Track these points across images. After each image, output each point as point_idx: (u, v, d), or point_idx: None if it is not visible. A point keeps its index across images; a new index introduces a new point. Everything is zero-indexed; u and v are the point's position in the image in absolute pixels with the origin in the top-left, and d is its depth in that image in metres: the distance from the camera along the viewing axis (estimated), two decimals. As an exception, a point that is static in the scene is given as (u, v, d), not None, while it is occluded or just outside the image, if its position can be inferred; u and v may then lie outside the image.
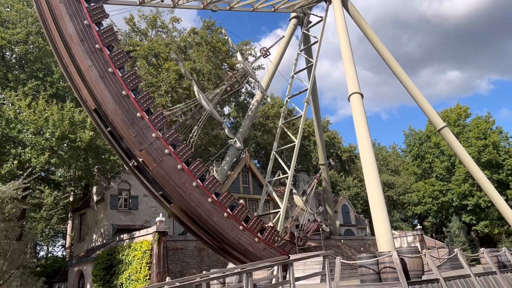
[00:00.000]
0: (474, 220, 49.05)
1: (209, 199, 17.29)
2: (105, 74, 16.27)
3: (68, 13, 16.16)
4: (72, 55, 16.25)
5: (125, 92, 16.45)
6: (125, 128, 16.32)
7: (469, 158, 31.84)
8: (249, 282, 11.70)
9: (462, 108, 54.04)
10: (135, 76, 17.14)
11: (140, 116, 16.57)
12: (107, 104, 16.22)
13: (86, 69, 16.05)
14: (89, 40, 16.28)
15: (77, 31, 16.11)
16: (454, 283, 14.05)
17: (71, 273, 29.71)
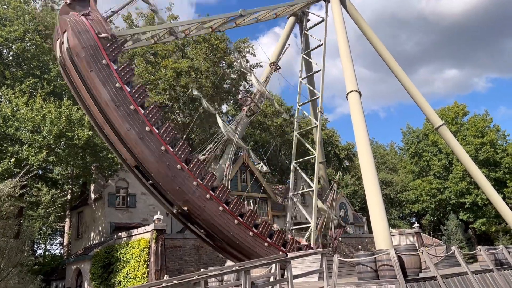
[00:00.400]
0: (471, 218, 49.22)
1: (250, 233, 17.86)
2: (143, 135, 16.47)
3: (100, 80, 16.20)
4: (109, 119, 16.42)
5: (164, 148, 16.73)
6: (169, 184, 16.70)
7: (466, 156, 31.92)
8: (247, 280, 11.71)
9: (460, 106, 54.15)
10: (170, 128, 17.42)
11: (180, 168, 16.86)
12: (149, 163, 16.51)
13: (125, 132, 16.31)
14: (123, 103, 16.41)
15: (111, 96, 16.24)
16: (451, 281, 14.09)
17: (69, 271, 29.69)
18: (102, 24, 17.35)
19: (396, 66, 31.33)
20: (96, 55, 16.38)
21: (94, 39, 16.55)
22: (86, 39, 16.32)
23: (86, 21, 16.80)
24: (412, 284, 12.59)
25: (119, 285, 23.90)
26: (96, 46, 16.49)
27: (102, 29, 17.17)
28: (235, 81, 44.91)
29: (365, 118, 23.75)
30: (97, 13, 17.73)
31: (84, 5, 17.82)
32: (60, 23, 16.91)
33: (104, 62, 16.44)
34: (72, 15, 17.09)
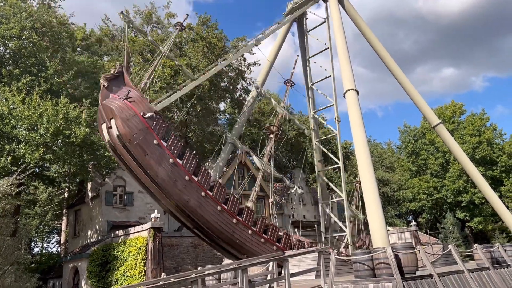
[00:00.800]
0: (468, 217, 49.36)
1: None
2: (201, 202, 17.45)
3: (155, 161, 16.84)
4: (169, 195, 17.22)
5: (220, 208, 17.94)
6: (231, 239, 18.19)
7: (463, 154, 32.04)
8: (244, 278, 11.73)
9: (457, 105, 54.26)
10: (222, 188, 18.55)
11: (236, 221, 18.33)
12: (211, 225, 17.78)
13: (185, 204, 17.23)
14: (179, 177, 17.16)
15: (167, 174, 16.94)
16: (448, 279, 14.15)
17: (66, 269, 29.65)
18: (143, 102, 17.81)
19: (394, 65, 31.40)
20: (147, 138, 16.95)
21: (142, 121, 17.04)
22: (135, 124, 16.82)
23: (131, 105, 17.19)
24: (408, 282, 12.64)
25: (116, 283, 23.89)
26: (145, 129, 17.03)
27: (145, 107, 17.59)
28: (233, 79, 44.85)
29: (363, 117, 23.81)
30: (134, 90, 18.07)
31: (119, 83, 18.19)
32: (105, 110, 17.24)
33: (155, 142, 17.02)
34: (114, 99, 17.38)
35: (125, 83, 18.14)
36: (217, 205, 17.78)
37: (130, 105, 17.03)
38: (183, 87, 23.52)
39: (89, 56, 32.78)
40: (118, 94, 17.49)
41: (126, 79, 18.26)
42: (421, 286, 12.93)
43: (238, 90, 46.80)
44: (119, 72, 18.20)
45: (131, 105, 17.04)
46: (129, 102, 17.11)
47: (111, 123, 16.91)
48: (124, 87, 17.89)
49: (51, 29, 29.27)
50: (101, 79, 17.93)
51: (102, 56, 37.80)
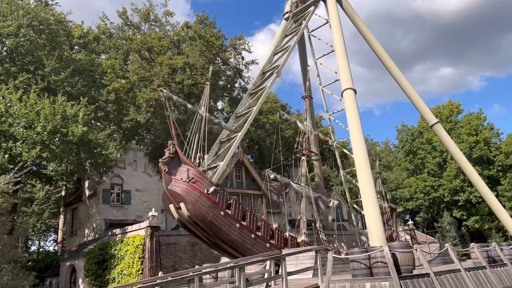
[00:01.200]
0: (465, 216, 49.52)
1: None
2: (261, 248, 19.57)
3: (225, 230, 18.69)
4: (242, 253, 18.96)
5: (269, 245, 19.86)
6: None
7: (460, 154, 32.13)
8: (241, 277, 11.74)
9: (454, 104, 54.39)
10: (268, 226, 20.57)
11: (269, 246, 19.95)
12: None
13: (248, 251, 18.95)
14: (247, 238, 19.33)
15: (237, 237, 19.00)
16: (445, 278, 14.19)
17: (63, 267, 29.60)
18: (204, 179, 19.07)
19: (392, 64, 31.44)
20: (216, 213, 18.42)
21: (208, 199, 18.38)
22: (203, 204, 18.19)
23: (195, 186, 18.42)
24: (405, 281, 12.66)
25: (114, 281, 23.87)
26: (212, 205, 18.45)
27: (207, 183, 18.92)
28: (231, 78, 44.83)
29: (360, 116, 23.83)
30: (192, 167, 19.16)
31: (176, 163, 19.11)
32: (172, 195, 18.48)
33: (222, 214, 18.55)
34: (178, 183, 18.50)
35: (181, 162, 19.25)
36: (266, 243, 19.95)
37: (195, 186, 18.45)
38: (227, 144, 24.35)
39: (86, 54, 32.68)
40: (179, 176, 18.69)
41: (181, 157, 19.39)
42: (418, 285, 12.96)
43: (236, 89, 46.79)
44: (174, 152, 19.26)
45: (195, 186, 18.47)
46: (193, 183, 18.51)
47: (180, 205, 18.18)
48: (182, 167, 18.99)
49: (49, 27, 29.17)
50: (160, 164, 19.07)
51: (99, 54, 37.71)
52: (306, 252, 16.67)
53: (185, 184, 18.25)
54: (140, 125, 37.99)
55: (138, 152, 33.91)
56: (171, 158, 18.91)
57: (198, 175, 18.85)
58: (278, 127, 34.24)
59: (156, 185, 33.29)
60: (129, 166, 32.64)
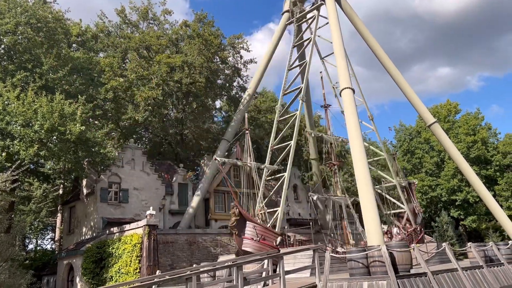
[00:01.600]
0: (462, 215, 49.65)
1: None
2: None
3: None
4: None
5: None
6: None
7: (458, 153, 32.23)
8: (239, 275, 11.75)
9: (452, 104, 54.47)
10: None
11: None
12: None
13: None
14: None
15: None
16: (442, 277, 14.23)
17: (60, 266, 29.57)
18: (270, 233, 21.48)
19: (390, 63, 31.49)
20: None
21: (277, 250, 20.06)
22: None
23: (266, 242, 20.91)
24: (403, 280, 12.70)
25: (111, 280, 23.85)
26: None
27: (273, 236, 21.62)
28: (229, 76, 44.79)
29: (358, 115, 23.86)
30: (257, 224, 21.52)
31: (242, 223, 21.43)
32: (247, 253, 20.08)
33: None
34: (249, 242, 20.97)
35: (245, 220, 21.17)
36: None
37: (265, 243, 20.48)
38: None
39: (84, 52, 32.59)
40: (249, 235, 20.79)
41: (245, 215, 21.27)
42: (415, 284, 13.00)
43: (234, 88, 46.74)
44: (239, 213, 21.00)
45: (265, 242, 20.48)
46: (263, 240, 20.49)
47: None
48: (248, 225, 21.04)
49: (47, 25, 29.08)
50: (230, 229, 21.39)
51: (97, 52, 37.60)
52: (303, 251, 16.70)
53: (256, 242, 20.51)
54: (138, 124, 37.93)
55: (136, 150, 33.88)
56: (237, 220, 20.78)
57: (265, 230, 21.01)
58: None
59: (154, 183, 33.26)
60: (127, 164, 32.61)
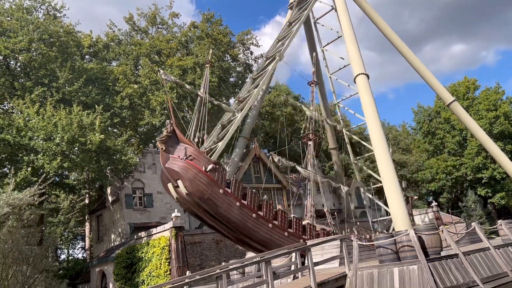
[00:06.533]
0: (490, 193, 48.64)
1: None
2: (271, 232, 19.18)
3: (225, 209, 18.29)
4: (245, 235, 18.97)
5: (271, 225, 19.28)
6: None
7: (480, 130, 31.52)
8: (268, 270, 11.79)
9: (470, 80, 53.25)
10: (269, 205, 19.72)
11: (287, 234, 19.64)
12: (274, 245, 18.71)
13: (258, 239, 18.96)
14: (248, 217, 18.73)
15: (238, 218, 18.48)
16: (474, 257, 13.99)
17: (93, 273, 30.20)
18: (201, 156, 18.77)
19: (403, 45, 30.94)
20: (214, 190, 18.06)
21: (206, 177, 18.06)
22: (201, 181, 17.88)
23: (192, 163, 18.15)
24: (434, 263, 12.53)
25: (143, 284, 24.24)
26: (210, 182, 18.07)
27: (205, 160, 18.58)
28: (241, 74, 44.82)
29: (375, 100, 23.56)
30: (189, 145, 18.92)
31: (174, 142, 18.93)
32: (170, 172, 18.17)
33: (221, 192, 18.14)
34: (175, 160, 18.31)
35: (179, 140, 19.06)
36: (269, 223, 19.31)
37: (192, 163, 18.17)
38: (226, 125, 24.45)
39: (97, 63, 33.14)
40: (177, 154, 18.54)
41: (179, 136, 19.15)
42: (447, 266, 12.82)
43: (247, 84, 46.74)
44: (171, 131, 19.12)
45: (192, 163, 18.20)
46: (190, 160, 18.27)
47: (178, 183, 17.97)
48: (180, 145, 18.84)
49: (59, 39, 29.62)
50: (158, 143, 18.93)
51: (110, 61, 38.15)
52: (331, 241, 16.63)
53: (182, 161, 18.01)
54: (156, 128, 38.35)
55: (156, 155, 34.23)
56: (169, 136, 18.66)
57: (196, 153, 18.57)
58: (283, 117, 34.07)
59: (176, 186, 33.57)
60: (148, 169, 33.02)
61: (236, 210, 18.29)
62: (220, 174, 18.57)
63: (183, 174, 17.70)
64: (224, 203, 18.11)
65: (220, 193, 18.04)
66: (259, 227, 18.89)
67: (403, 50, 30.95)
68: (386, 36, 31.13)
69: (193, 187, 17.67)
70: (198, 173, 17.78)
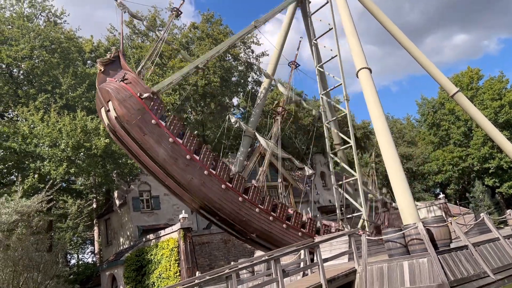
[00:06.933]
0: (497, 183, 48.37)
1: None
2: (204, 180, 17.38)
3: (154, 140, 16.92)
4: (171, 174, 17.25)
5: (224, 186, 17.81)
6: (237, 217, 18.00)
7: (486, 120, 31.30)
8: (277, 268, 11.80)
9: (474, 70, 52.92)
10: (225, 166, 18.50)
11: (242, 200, 18.11)
12: (215, 203, 17.63)
13: (188, 182, 17.20)
14: (180, 156, 17.18)
15: (168, 153, 17.01)
16: (484, 248, 13.93)
17: (103, 277, 30.36)
18: (140, 83, 17.89)
19: (404, 38, 30.76)
20: (145, 118, 17.01)
21: (139, 102, 17.13)
22: (132, 105, 16.95)
23: (127, 86, 17.33)
24: (443, 255, 12.49)
25: (154, 286, 24.33)
26: (143, 109, 17.09)
27: (142, 88, 17.68)
28: (243, 73, 44.79)
29: (378, 94, 23.44)
30: (130, 72, 18.17)
31: (116, 66, 18.31)
32: (102, 93, 17.41)
33: (153, 122, 17.08)
34: (110, 82, 17.57)
35: (121, 67, 18.18)
36: (221, 183, 17.68)
37: (126, 87, 17.22)
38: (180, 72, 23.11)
39: (99, 67, 33.18)
40: (115, 78, 17.70)
41: (122, 62, 18.30)
42: (457, 258, 12.77)
43: (249, 83, 46.74)
44: (115, 56, 18.27)
45: (127, 86, 17.24)
46: (125, 83, 17.30)
47: (109, 106, 17.09)
48: (121, 71, 18.01)
49: (60, 45, 29.73)
50: (98, 64, 18.10)
51: (112, 65, 38.18)
52: (339, 237, 16.61)
53: (117, 83, 17.32)
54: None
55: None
56: (112, 61, 18.00)
57: (135, 79, 17.70)
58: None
59: (183, 187, 33.64)
60: (154, 172, 33.08)
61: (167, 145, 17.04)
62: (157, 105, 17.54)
63: (114, 95, 16.84)
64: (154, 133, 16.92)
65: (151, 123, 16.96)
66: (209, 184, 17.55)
67: (404, 42, 30.77)
68: (386, 29, 30.96)
69: (122, 109, 16.70)
70: (131, 96, 16.94)
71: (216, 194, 17.51)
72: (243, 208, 18.06)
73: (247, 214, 18.16)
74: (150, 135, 16.82)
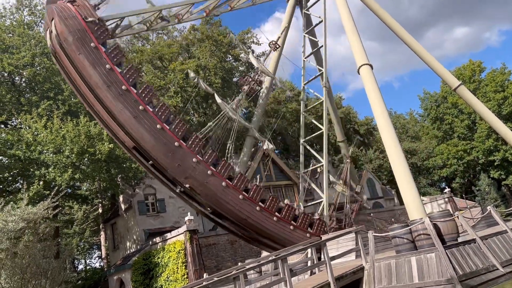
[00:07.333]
0: (503, 175, 48.14)
1: (257, 208, 17.89)
2: (137, 113, 16.62)
3: (89, 62, 16.41)
4: (102, 100, 16.60)
5: (160, 126, 16.85)
6: (168, 161, 16.87)
7: (489, 113, 31.14)
8: (285, 268, 11.77)
9: (476, 63, 52.69)
10: (165, 107, 17.58)
11: (178, 145, 17.03)
12: (146, 142, 16.69)
13: (118, 112, 16.49)
14: (115, 84, 16.56)
15: (102, 78, 16.40)
16: (492, 241, 13.84)
17: (111, 282, 30.42)
18: (88, 9, 17.52)
19: (404, 33, 30.65)
20: (84, 39, 16.56)
21: (81, 23, 16.78)
22: (73, 24, 16.56)
23: (72, 7, 17.07)
24: (451, 250, 12.43)
25: (162, 289, 24.36)
26: (83, 30, 16.66)
27: (89, 13, 17.33)
28: (244, 73, 44.77)
29: (380, 90, 23.37)
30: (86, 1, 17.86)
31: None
32: (48, 12, 17.22)
33: (92, 45, 16.64)
34: (58, 3, 17.34)
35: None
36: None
37: (72, 8, 17.01)
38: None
39: (101, 73, 33.29)
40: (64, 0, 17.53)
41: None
42: (464, 252, 12.70)
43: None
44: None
45: (73, 7, 17.03)
46: (72, 5, 17.09)
47: (52, 25, 16.82)
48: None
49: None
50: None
51: (113, 70, 38.30)
52: (345, 235, 16.57)
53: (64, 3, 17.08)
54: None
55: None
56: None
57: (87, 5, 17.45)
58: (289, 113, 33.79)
59: (187, 189, 33.66)
60: (158, 175, 33.12)
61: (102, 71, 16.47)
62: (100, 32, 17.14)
63: (56, 12, 16.61)
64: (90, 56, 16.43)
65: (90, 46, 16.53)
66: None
67: (405, 37, 30.66)
68: (387, 24, 30.85)
69: (61, 26, 16.30)
70: (74, 17, 16.63)
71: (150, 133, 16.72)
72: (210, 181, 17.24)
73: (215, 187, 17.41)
74: (86, 56, 16.34)
